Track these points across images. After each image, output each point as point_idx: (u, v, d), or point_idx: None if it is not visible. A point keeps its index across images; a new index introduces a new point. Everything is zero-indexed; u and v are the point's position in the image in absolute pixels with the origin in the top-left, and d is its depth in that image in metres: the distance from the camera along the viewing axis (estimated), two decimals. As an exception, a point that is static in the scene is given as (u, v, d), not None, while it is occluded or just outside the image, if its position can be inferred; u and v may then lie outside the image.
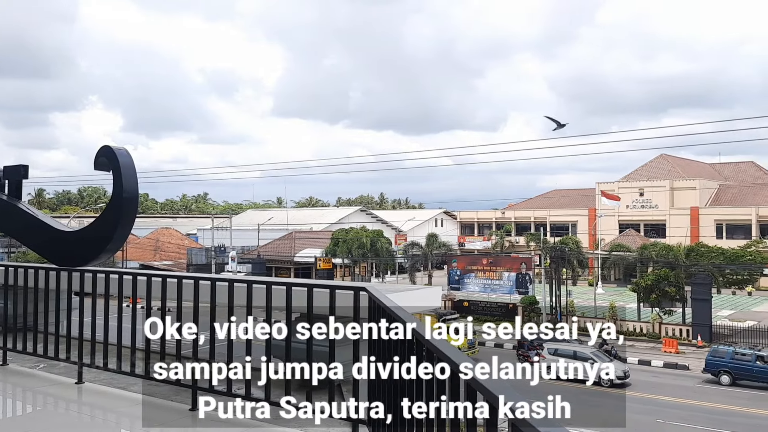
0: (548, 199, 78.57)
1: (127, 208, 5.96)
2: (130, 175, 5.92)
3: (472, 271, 47.56)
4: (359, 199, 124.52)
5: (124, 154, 5.96)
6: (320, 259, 57.49)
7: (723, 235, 60.61)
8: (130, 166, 5.95)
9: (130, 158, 6.05)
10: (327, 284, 4.56)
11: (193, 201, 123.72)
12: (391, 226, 76.40)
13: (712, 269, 40.44)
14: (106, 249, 6.20)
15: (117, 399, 5.54)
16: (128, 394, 5.59)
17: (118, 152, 5.90)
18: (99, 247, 6.11)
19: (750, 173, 75.29)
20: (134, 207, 6.08)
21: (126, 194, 5.87)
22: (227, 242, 60.55)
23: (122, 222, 5.98)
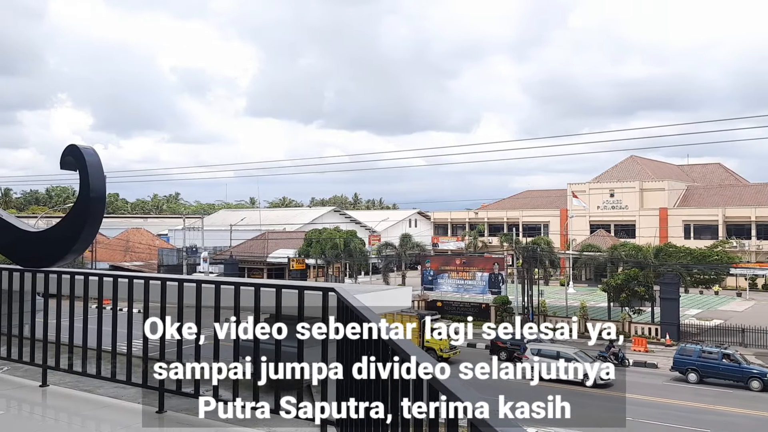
0: (521, 199, 79.26)
1: (94, 208, 5.87)
2: (97, 174, 5.83)
3: (445, 271, 47.77)
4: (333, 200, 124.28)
5: (90, 153, 5.87)
6: (293, 259, 57.25)
7: (691, 236, 61.76)
8: (97, 165, 5.86)
9: (97, 157, 5.96)
10: (296, 285, 4.54)
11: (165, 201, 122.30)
12: (364, 227, 76.38)
13: (680, 269, 41.15)
14: (72, 249, 6.10)
15: (82, 402, 5.45)
16: (94, 397, 5.51)
17: (84, 151, 5.81)
18: (65, 248, 6.01)
19: (717, 175, 76.87)
20: (101, 207, 5.99)
21: (93, 194, 5.78)
22: (199, 243, 59.95)
23: (89, 222, 5.88)
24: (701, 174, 77.13)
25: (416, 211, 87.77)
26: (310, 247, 57.03)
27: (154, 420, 4.94)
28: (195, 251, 57.63)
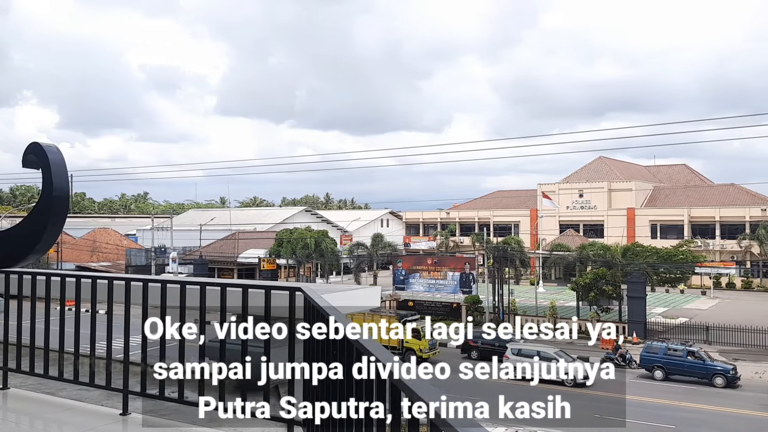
0: (492, 199, 79.86)
1: (57, 207, 5.75)
2: (60, 172, 5.72)
3: (417, 271, 47.91)
4: (304, 200, 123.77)
5: (54, 151, 5.75)
6: (264, 259, 56.87)
7: (657, 235, 62.87)
8: (60, 163, 5.74)
9: (61, 155, 5.85)
10: (262, 284, 4.51)
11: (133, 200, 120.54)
12: (336, 227, 76.22)
13: (647, 268, 41.84)
14: (35, 250, 5.96)
15: (44, 405, 5.34)
16: (56, 400, 5.40)
17: (47, 149, 5.69)
18: (27, 248, 5.88)
19: (683, 176, 78.38)
20: (65, 206, 5.87)
21: (56, 192, 5.65)
22: (168, 243, 59.24)
23: (52, 221, 5.76)
24: (667, 175, 78.56)
25: (388, 211, 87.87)
26: (281, 247, 56.72)
27: (117, 422, 4.86)
28: (164, 251, 56.94)
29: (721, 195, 66.50)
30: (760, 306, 45.17)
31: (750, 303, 48.90)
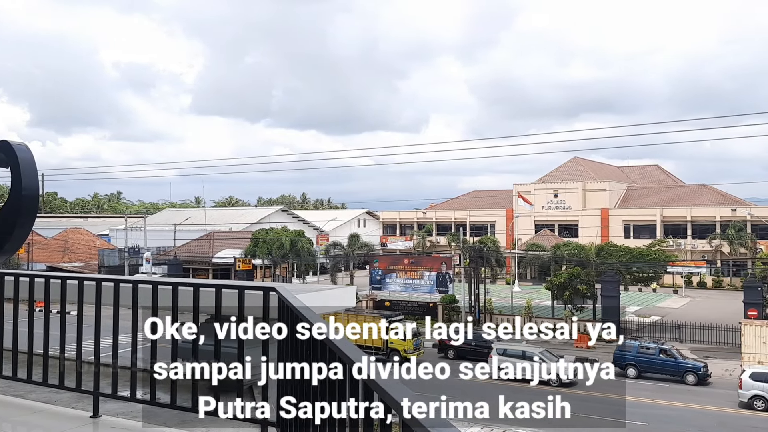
0: (468, 199, 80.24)
1: (26, 206, 5.64)
2: (29, 171, 5.61)
3: (393, 270, 47.94)
4: (281, 199, 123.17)
5: (23, 150, 5.64)
6: (240, 259, 56.46)
7: (630, 235, 63.71)
8: (29, 161, 5.64)
9: (30, 153, 5.75)
10: (236, 284, 4.47)
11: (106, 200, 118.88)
12: (312, 227, 75.96)
13: (620, 267, 42.38)
14: (4, 250, 5.85)
15: (12, 407, 5.23)
16: (25, 402, 5.30)
17: (16, 147, 5.58)
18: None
19: (655, 176, 79.52)
20: (34, 205, 5.77)
21: (25, 191, 5.55)
22: (142, 243, 58.54)
23: (21, 221, 5.65)
24: (640, 175, 79.64)
25: (365, 210, 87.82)
26: (257, 247, 56.38)
27: (88, 425, 4.79)
28: (137, 252, 56.25)
29: (693, 195, 67.60)
30: (730, 304, 45.91)
31: (720, 301, 49.74)
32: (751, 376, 25.36)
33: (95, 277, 5.00)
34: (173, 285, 4.55)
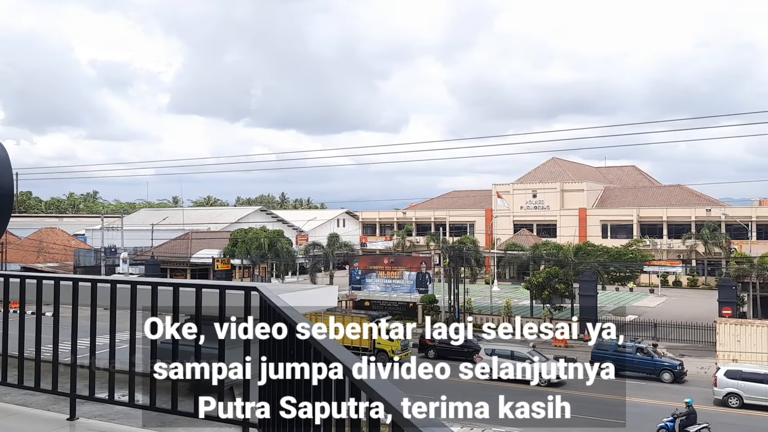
0: (448, 199, 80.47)
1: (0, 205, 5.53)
2: (4, 170, 5.48)
3: (373, 270, 47.90)
4: (260, 199, 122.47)
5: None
6: (218, 260, 56.03)
7: (608, 235, 64.35)
8: (4, 160, 5.51)
9: (5, 152, 5.62)
10: (216, 284, 4.40)
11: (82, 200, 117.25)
12: (292, 227, 75.63)
13: (598, 267, 42.76)
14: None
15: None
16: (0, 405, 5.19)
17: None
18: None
19: (632, 177, 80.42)
20: (9, 205, 5.64)
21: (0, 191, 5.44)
22: (118, 243, 57.83)
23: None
24: (617, 176, 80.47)
25: (344, 210, 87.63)
26: (236, 248, 55.98)
27: (64, 427, 4.69)
28: (114, 252, 55.57)
29: (668, 196, 68.48)
30: (705, 303, 46.57)
31: (695, 300, 50.42)
32: (726, 374, 25.74)
33: (72, 277, 4.91)
34: (152, 285, 4.47)
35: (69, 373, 4.77)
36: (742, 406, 25.10)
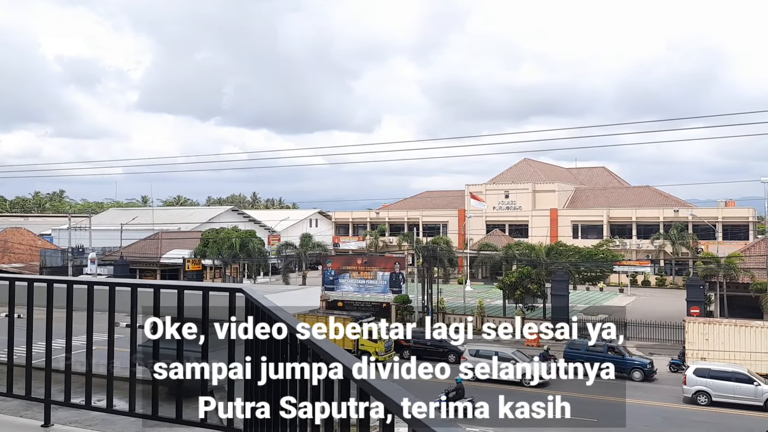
0: (421, 200, 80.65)
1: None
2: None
3: (347, 271, 47.73)
4: (231, 199, 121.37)
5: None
6: (189, 260, 55.38)
7: (579, 235, 65.11)
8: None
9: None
10: (200, 285, 4.27)
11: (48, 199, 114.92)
12: (264, 227, 75.10)
13: (570, 267, 43.21)
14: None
15: (-46, 418, 4.91)
16: (-32, 412, 4.98)
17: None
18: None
19: (602, 178, 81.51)
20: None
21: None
22: (86, 243, 56.77)
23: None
24: (588, 177, 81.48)
25: (317, 210, 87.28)
26: (207, 248, 55.38)
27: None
28: (82, 252, 54.54)
29: (638, 196, 69.54)
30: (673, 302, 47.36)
31: (664, 299, 51.26)
32: (695, 372, 26.16)
33: (47, 279, 4.73)
34: (132, 286, 4.33)
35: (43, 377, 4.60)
36: (711, 403, 25.55)
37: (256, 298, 3.50)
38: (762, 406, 24.51)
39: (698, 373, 26.08)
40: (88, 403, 4.45)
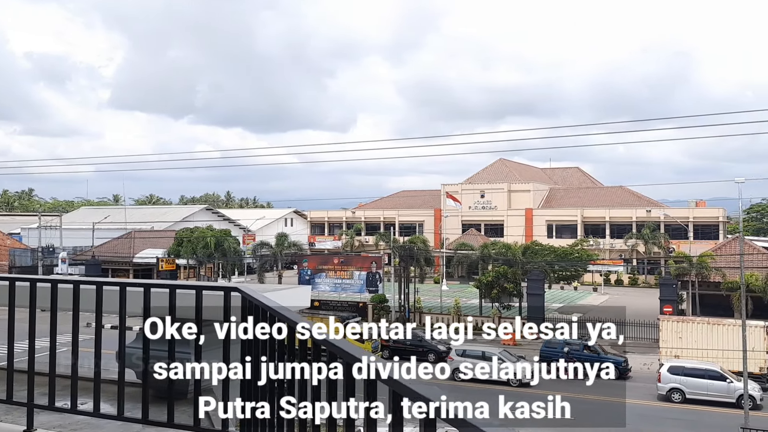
0: (397, 199, 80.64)
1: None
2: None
3: (323, 270, 47.56)
4: (204, 198, 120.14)
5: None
6: (163, 259, 54.64)
7: (553, 235, 65.66)
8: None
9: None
10: (193, 285, 4.14)
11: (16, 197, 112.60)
12: (239, 226, 74.46)
13: (545, 266, 43.50)
14: None
15: (-70, 423, 4.70)
16: (-55, 417, 4.77)
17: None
18: None
19: (576, 178, 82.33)
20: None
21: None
22: (57, 242, 55.71)
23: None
24: (562, 177, 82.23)
25: (292, 210, 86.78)
26: (181, 247, 54.67)
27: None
28: (52, 251, 53.51)
29: (611, 197, 70.35)
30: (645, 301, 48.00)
31: (636, 298, 51.90)
32: (669, 370, 26.50)
33: (30, 278, 4.54)
34: (120, 285, 4.17)
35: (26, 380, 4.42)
36: (685, 401, 25.90)
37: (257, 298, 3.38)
38: (735, 403, 24.91)
39: (672, 371, 26.42)
40: (74, 407, 4.28)
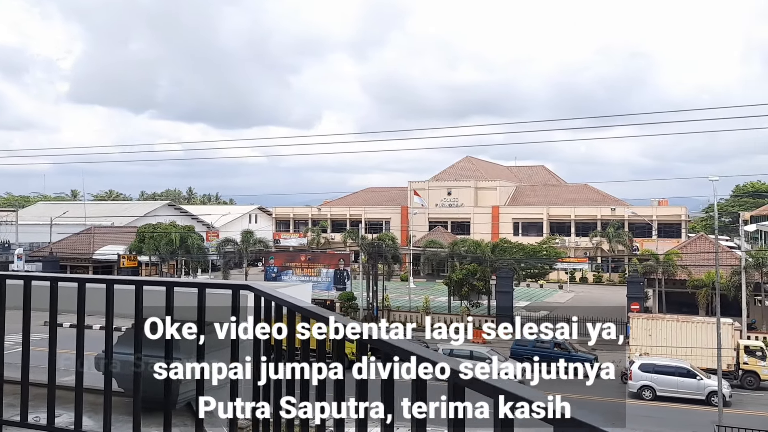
0: (363, 196, 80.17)
1: None
2: None
3: (290, 267, 46.89)
4: (166, 194, 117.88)
5: None
6: (124, 256, 53.25)
7: (519, 233, 66.00)
8: None
9: None
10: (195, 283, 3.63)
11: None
12: (202, 222, 73.15)
13: (514, 264, 43.58)
14: None
15: None
16: None
17: None
18: None
19: (541, 176, 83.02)
20: None
21: None
22: (12, 238, 53.81)
23: None
24: (527, 175, 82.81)
25: (256, 206, 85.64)
26: (143, 243, 53.29)
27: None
28: (8, 248, 51.66)
29: (576, 195, 71.05)
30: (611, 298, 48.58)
31: (601, 295, 52.50)
32: (640, 367, 26.64)
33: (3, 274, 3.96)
34: (107, 283, 3.64)
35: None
36: (655, 398, 26.06)
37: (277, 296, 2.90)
38: (704, 400, 25.16)
39: (643, 369, 26.56)
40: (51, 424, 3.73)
